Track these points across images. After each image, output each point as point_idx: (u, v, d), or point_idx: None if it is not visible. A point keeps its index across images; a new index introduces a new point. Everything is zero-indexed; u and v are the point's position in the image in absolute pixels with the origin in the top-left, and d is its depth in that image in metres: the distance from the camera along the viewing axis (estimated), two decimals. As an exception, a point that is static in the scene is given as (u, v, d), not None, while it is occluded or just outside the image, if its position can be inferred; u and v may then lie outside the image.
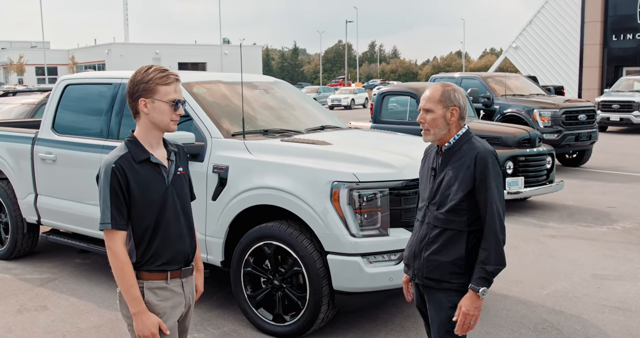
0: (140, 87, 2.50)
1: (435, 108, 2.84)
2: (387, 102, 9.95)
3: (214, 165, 4.60)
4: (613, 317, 4.79)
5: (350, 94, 43.18)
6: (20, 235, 6.27)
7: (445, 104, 2.83)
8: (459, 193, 2.76)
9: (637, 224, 7.79)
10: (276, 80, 6.44)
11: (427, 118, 2.86)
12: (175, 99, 2.52)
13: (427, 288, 2.91)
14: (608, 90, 22.77)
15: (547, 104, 12.39)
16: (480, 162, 2.75)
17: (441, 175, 2.85)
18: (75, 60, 67.32)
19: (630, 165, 13.00)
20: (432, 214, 2.86)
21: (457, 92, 2.87)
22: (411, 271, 2.97)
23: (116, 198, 2.44)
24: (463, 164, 2.79)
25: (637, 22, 30.59)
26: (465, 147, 2.83)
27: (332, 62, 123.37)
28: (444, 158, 2.87)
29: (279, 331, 4.38)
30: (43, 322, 4.77)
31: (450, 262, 2.79)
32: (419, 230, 2.94)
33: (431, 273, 2.84)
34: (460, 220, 2.78)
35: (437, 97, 2.84)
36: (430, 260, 2.84)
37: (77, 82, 5.90)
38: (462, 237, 2.80)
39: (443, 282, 2.82)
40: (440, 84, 2.92)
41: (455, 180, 2.79)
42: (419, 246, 2.91)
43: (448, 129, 2.85)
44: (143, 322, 2.46)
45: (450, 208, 2.78)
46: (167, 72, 2.54)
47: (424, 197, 2.95)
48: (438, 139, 2.86)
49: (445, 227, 2.81)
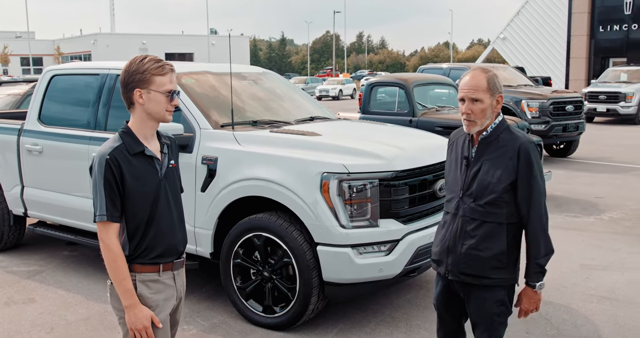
0: (135, 78, 2.46)
1: (484, 97, 2.66)
2: (376, 93, 9.93)
3: (203, 157, 4.57)
4: (601, 306, 4.83)
5: (338, 84, 43.16)
6: (7, 227, 6.21)
7: (493, 92, 2.68)
8: (501, 185, 2.65)
9: (624, 214, 7.85)
10: (265, 71, 6.41)
11: (475, 109, 2.67)
12: (171, 89, 2.49)
13: (464, 285, 2.80)
14: (595, 81, 22.90)
15: (535, 95, 12.43)
16: (524, 153, 2.64)
17: (477, 165, 2.72)
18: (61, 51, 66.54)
19: (617, 155, 13.09)
20: (467, 206, 2.73)
21: (497, 78, 2.72)
22: (443, 267, 2.84)
23: (110, 190, 2.42)
24: (503, 154, 2.67)
25: (624, 13, 30.73)
26: (504, 137, 2.70)
27: (320, 53, 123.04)
28: (480, 147, 2.73)
29: (269, 322, 4.38)
30: (31, 314, 4.73)
31: (492, 257, 2.69)
32: (452, 223, 2.80)
33: (469, 269, 2.73)
34: (500, 212, 2.68)
35: (485, 85, 2.66)
36: (468, 254, 2.73)
37: (63, 72, 5.83)
38: (502, 230, 2.70)
39: (483, 277, 2.72)
40: (479, 69, 2.72)
41: (496, 171, 2.67)
42: (453, 240, 2.78)
43: (491, 117, 2.70)
44: (135, 314, 2.44)
45: (491, 200, 2.67)
46: (163, 62, 2.50)
47: (454, 188, 2.81)
48: (482, 128, 2.72)
49: (483, 220, 2.70)
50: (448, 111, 9.31)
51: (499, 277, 2.72)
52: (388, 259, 4.11)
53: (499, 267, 2.71)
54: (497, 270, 2.71)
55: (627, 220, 7.54)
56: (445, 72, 13.41)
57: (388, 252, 4.13)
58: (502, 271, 2.72)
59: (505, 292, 2.78)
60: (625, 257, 6.09)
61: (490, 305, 2.75)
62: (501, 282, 2.73)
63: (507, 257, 2.71)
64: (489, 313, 2.77)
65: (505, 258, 2.71)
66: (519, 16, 36.03)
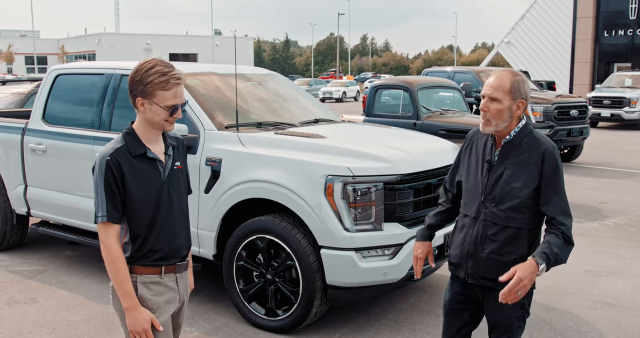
0: (138, 88, 2.40)
1: (504, 98, 2.65)
2: (380, 96, 9.91)
3: (207, 158, 4.55)
4: (605, 313, 4.80)
5: (342, 86, 43.12)
6: (10, 226, 6.20)
7: (514, 96, 2.65)
8: (525, 190, 2.63)
9: (629, 220, 7.82)
10: (269, 72, 6.39)
11: (491, 108, 2.66)
12: (174, 104, 2.42)
13: (484, 289, 2.78)
14: (599, 86, 22.87)
15: (539, 99, 12.40)
16: (549, 158, 2.63)
17: (499, 169, 2.70)
18: (65, 50, 66.66)
19: (621, 161, 13.05)
20: (489, 211, 2.70)
21: (526, 84, 2.69)
22: (462, 271, 2.82)
23: (110, 192, 2.39)
24: (528, 159, 2.65)
25: (629, 18, 30.71)
26: (527, 141, 2.68)
27: (324, 55, 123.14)
28: (503, 151, 2.71)
29: (272, 325, 4.36)
30: (32, 314, 4.72)
31: (512, 262, 2.65)
32: (472, 227, 2.77)
33: (490, 273, 2.71)
34: (522, 217, 2.66)
35: (507, 87, 2.65)
36: (489, 259, 2.71)
37: (68, 72, 5.83)
38: (523, 235, 2.68)
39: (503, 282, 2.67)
40: (508, 71, 2.71)
41: (520, 176, 2.65)
42: (474, 245, 2.75)
43: (510, 121, 2.68)
44: (135, 317, 2.41)
45: (514, 205, 2.65)
46: (169, 75, 2.39)
47: (474, 192, 2.78)
48: (498, 130, 2.70)
49: (505, 225, 2.67)
50: (452, 114, 9.29)
51: None
52: (392, 263, 4.09)
53: None
54: None
55: (631, 226, 7.51)
56: (450, 76, 13.40)
57: (392, 256, 4.10)
58: None
59: (525, 296, 2.74)
60: (630, 262, 6.06)
61: (510, 309, 2.73)
62: None
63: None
64: (508, 316, 2.75)
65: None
66: (524, 20, 36.03)
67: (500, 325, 2.79)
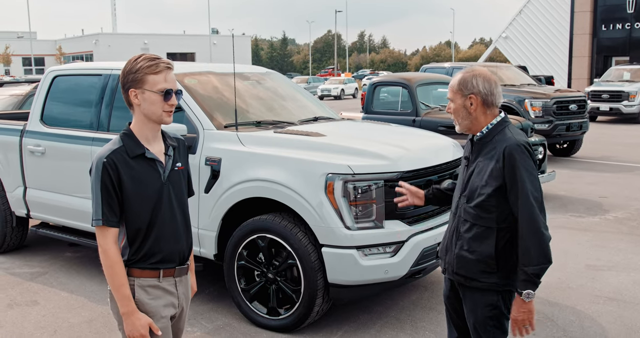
0: (129, 78, 2.39)
1: (454, 97, 2.70)
2: (379, 93, 9.89)
3: (207, 158, 4.54)
4: (607, 307, 4.79)
5: (340, 84, 43.12)
6: (9, 228, 6.19)
7: (463, 93, 2.68)
8: (487, 189, 2.61)
9: (629, 214, 7.81)
10: (268, 71, 6.38)
11: (450, 107, 2.74)
12: (165, 88, 2.39)
13: (459, 285, 2.80)
14: (598, 80, 22.84)
15: (538, 94, 12.38)
16: (508, 156, 2.57)
17: (472, 166, 2.70)
18: (63, 51, 66.55)
19: (621, 154, 13.05)
20: (462, 207, 2.72)
21: (476, 78, 2.67)
22: (443, 264, 2.87)
23: (107, 194, 2.35)
24: (493, 156, 2.62)
25: (627, 12, 30.67)
26: (497, 138, 2.65)
27: (322, 52, 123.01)
28: (475, 148, 2.72)
29: (273, 324, 4.35)
30: (34, 317, 4.71)
31: (479, 260, 2.66)
32: (452, 222, 2.81)
33: (460, 270, 2.73)
34: (489, 216, 2.63)
35: (455, 85, 2.70)
36: (459, 256, 2.72)
37: (65, 73, 5.81)
38: (491, 234, 2.64)
39: (472, 280, 2.69)
40: (463, 70, 2.73)
41: (484, 174, 2.63)
42: (450, 240, 2.80)
43: (472, 118, 2.68)
44: (133, 322, 2.36)
45: (478, 203, 2.64)
46: (157, 60, 2.40)
47: (458, 187, 2.82)
48: (466, 129, 2.71)
49: (474, 222, 2.67)
50: (451, 111, 9.25)
51: (490, 281, 2.67)
52: (393, 261, 4.08)
53: (489, 272, 2.66)
54: (487, 274, 2.66)
55: (632, 220, 7.50)
56: (448, 72, 13.35)
57: (393, 254, 4.09)
58: (493, 276, 2.66)
59: (499, 297, 2.71)
60: (631, 257, 6.05)
61: (483, 308, 2.71)
62: (492, 286, 2.67)
63: (496, 262, 2.64)
64: (481, 316, 2.72)
65: (494, 263, 2.64)
66: (521, 15, 35.99)
67: (475, 324, 2.77)
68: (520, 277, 2.57)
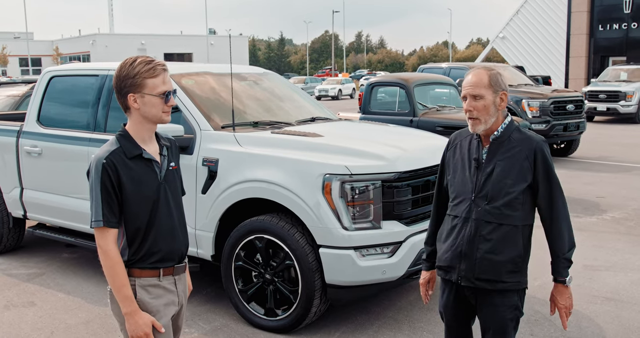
0: (127, 83, 2.39)
1: (486, 93, 2.65)
2: (376, 93, 9.88)
3: (204, 158, 4.53)
4: (605, 307, 4.79)
5: (338, 84, 43.14)
6: (6, 229, 6.17)
7: (495, 89, 2.66)
8: (518, 186, 2.63)
9: (626, 214, 7.82)
10: (265, 71, 6.37)
11: (477, 105, 2.65)
12: (165, 90, 2.42)
13: (476, 291, 2.75)
14: (595, 80, 22.87)
15: (536, 94, 12.40)
16: (540, 153, 2.64)
17: (489, 166, 2.67)
18: (60, 51, 66.49)
19: (618, 154, 13.06)
20: (481, 209, 2.67)
21: (502, 76, 2.71)
22: (455, 274, 2.76)
23: (107, 195, 2.36)
24: (517, 154, 2.64)
25: (623, 12, 30.72)
26: (516, 137, 2.67)
27: (319, 53, 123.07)
28: (492, 148, 2.70)
29: (271, 325, 4.34)
30: (31, 318, 4.69)
31: (508, 261, 2.66)
32: (464, 227, 2.73)
33: (485, 274, 2.68)
34: (515, 214, 2.65)
35: (486, 81, 2.65)
36: (485, 259, 2.67)
37: (62, 73, 5.79)
38: (517, 232, 2.67)
39: (498, 282, 2.67)
40: (482, 68, 2.72)
41: (510, 172, 2.64)
42: (468, 245, 2.70)
43: (497, 116, 2.68)
44: (136, 322, 2.38)
45: (507, 202, 2.64)
46: (154, 63, 2.41)
47: (463, 191, 2.75)
48: (488, 127, 2.68)
49: (500, 223, 2.65)
50: (449, 111, 9.28)
51: (514, 280, 2.69)
52: (391, 261, 4.07)
53: (514, 271, 2.69)
54: (512, 273, 2.69)
55: (629, 220, 7.51)
56: (446, 72, 13.37)
57: (391, 254, 4.09)
58: (517, 274, 2.70)
59: (518, 297, 2.75)
60: (629, 257, 6.05)
61: (504, 311, 2.72)
62: (515, 285, 2.70)
63: (522, 260, 2.70)
64: (502, 318, 2.73)
65: (521, 262, 2.69)
66: (518, 15, 36.01)
67: (495, 327, 2.76)
68: (561, 265, 2.70)
